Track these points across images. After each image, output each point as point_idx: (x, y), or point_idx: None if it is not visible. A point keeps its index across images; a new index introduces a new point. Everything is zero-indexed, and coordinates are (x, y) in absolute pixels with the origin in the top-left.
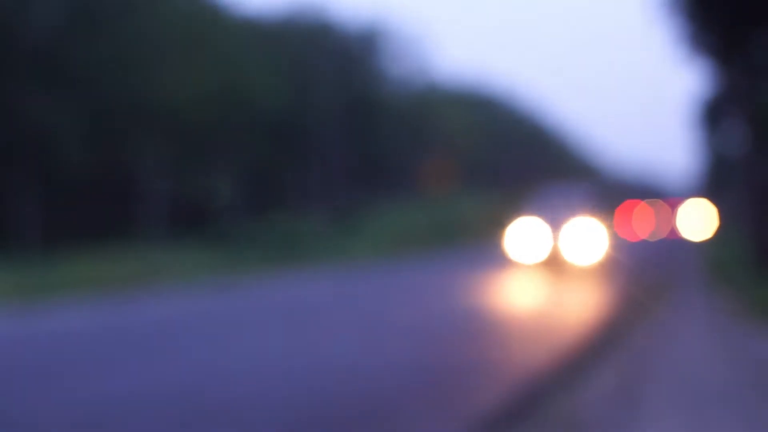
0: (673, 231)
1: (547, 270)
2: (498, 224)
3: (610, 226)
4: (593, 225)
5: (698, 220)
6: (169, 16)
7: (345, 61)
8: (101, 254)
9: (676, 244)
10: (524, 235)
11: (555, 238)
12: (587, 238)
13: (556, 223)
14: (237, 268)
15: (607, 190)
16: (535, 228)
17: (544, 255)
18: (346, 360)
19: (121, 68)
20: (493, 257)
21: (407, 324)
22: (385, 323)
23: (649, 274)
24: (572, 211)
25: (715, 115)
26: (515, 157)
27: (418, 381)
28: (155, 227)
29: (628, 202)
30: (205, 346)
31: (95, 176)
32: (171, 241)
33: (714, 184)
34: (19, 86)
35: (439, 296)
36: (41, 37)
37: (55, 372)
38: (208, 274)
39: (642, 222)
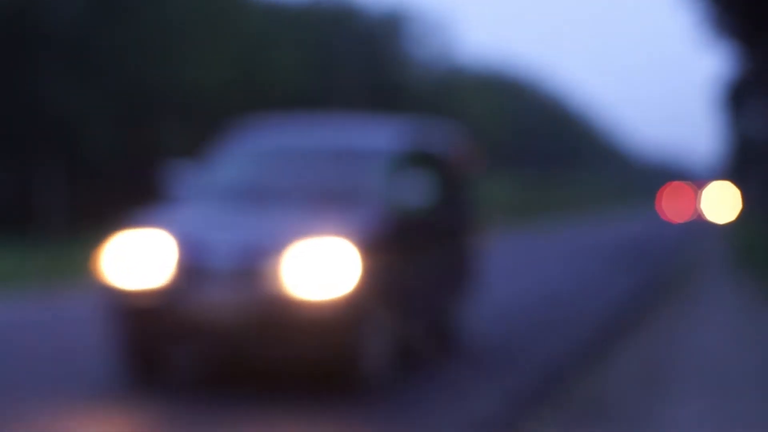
0: (697, 213)
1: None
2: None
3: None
4: (330, 244)
5: (722, 202)
6: (194, 0)
7: (369, 45)
8: None
9: (699, 226)
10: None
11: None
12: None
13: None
14: None
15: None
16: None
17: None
18: None
19: (145, 53)
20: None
21: None
22: None
23: None
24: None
25: (739, 97)
26: (540, 141)
27: None
28: None
29: (669, 184)
30: None
31: (120, 160)
32: None
33: (738, 167)
34: (45, 72)
35: None
36: (65, 23)
37: (76, 354)
38: None
39: (676, 203)
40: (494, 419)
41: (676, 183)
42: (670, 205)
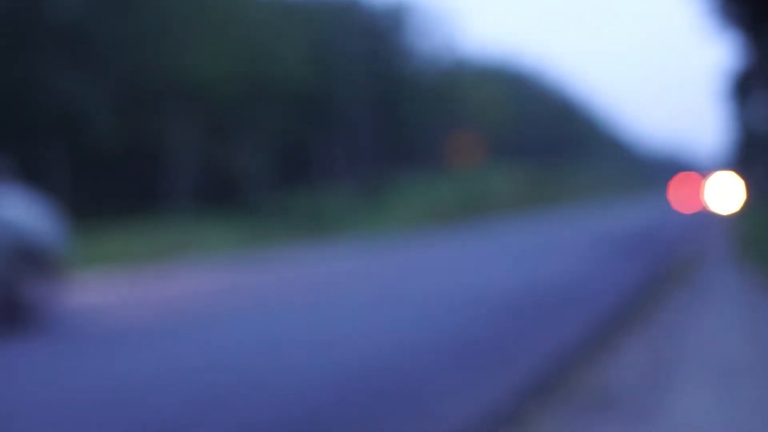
0: (702, 204)
1: None
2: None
3: None
4: None
5: (725, 193)
6: None
7: (372, 37)
8: (130, 229)
9: (708, 217)
10: None
11: None
12: None
13: None
14: (265, 241)
15: None
16: None
17: None
18: (370, 338)
19: (149, 44)
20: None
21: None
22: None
23: None
24: None
25: (744, 88)
26: (543, 132)
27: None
28: (184, 201)
29: (680, 174)
30: (230, 323)
31: (124, 152)
32: (199, 215)
33: (743, 158)
34: (48, 63)
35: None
36: (70, 15)
37: (78, 347)
38: (237, 247)
39: (687, 194)
40: (497, 412)
41: (686, 174)
42: (681, 196)
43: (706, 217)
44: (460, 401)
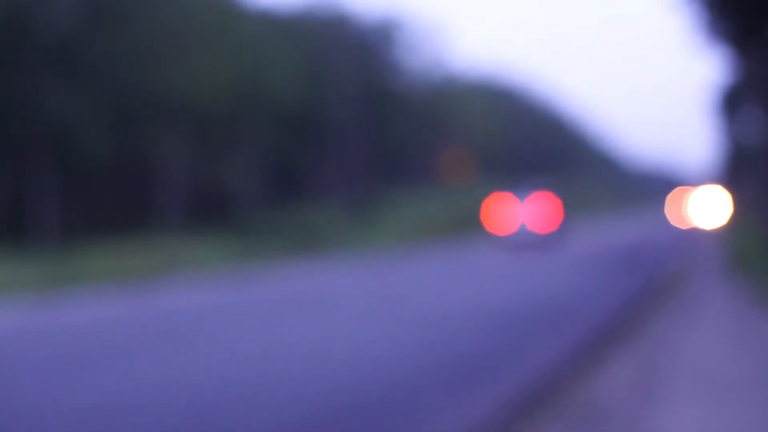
0: (684, 219)
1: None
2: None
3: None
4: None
5: (711, 207)
6: (187, 8)
7: (361, 53)
8: (120, 245)
9: (696, 231)
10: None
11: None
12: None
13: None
14: (255, 257)
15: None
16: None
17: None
18: (360, 353)
19: (139, 60)
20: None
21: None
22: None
23: None
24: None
25: (733, 102)
26: (532, 148)
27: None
28: (174, 217)
29: (677, 189)
30: (219, 339)
31: (114, 168)
32: (190, 231)
33: (732, 172)
34: (38, 79)
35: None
36: (60, 31)
37: (69, 364)
38: (227, 264)
39: (681, 209)
40: (491, 423)
41: (683, 189)
42: (678, 211)
43: (700, 231)
44: (454, 411)
